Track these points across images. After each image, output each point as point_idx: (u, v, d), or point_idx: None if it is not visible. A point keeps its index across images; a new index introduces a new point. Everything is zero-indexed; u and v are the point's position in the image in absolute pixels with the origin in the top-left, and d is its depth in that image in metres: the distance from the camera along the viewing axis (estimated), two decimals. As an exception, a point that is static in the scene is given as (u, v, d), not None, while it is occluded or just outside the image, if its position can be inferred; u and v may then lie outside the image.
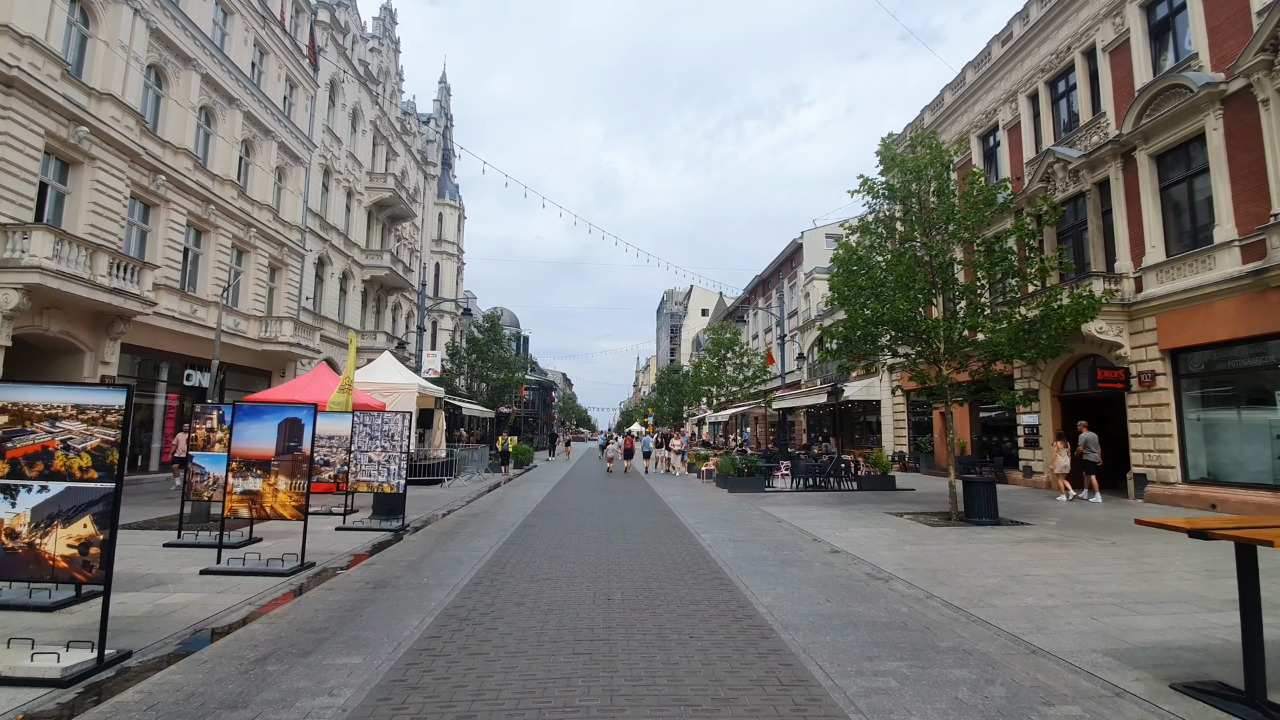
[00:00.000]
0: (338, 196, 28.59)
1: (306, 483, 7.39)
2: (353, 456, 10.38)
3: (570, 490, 17.52)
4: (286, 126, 23.95)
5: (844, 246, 12.84)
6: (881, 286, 11.52)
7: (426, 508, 13.05)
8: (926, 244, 11.88)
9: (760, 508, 13.54)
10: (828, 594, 6.46)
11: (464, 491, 16.35)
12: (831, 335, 12.32)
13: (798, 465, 17.71)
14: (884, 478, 17.40)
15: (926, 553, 8.64)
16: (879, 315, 11.00)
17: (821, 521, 11.45)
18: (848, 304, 11.76)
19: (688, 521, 11.47)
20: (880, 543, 9.37)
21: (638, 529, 10.50)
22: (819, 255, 39.44)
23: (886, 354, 13.03)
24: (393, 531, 9.93)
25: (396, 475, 10.28)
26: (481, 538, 9.54)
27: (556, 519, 11.72)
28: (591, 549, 8.67)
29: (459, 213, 45.15)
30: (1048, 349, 11.33)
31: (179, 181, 18.37)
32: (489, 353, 32.90)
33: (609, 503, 14.42)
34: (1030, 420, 18.32)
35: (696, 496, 15.96)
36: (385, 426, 10.40)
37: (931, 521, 11.52)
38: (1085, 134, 16.94)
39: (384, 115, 34.12)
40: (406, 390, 18.38)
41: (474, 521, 11.31)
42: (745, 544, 9.23)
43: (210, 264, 20.04)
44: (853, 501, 14.68)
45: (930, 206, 12.12)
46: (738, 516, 12.26)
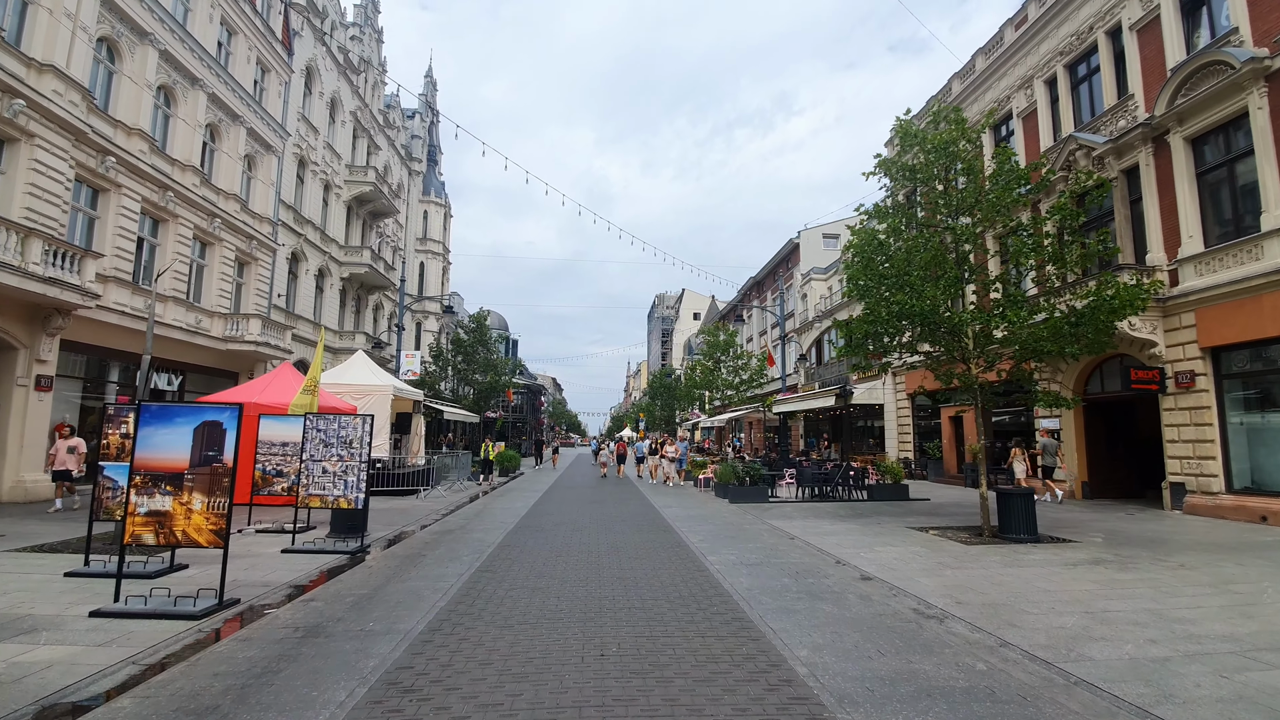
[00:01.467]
0: (314, 189, 27.11)
1: (228, 500, 5.99)
2: (304, 466, 8.97)
3: (558, 501, 16.13)
4: (257, 112, 22.48)
5: (859, 233, 11.60)
6: (906, 275, 10.28)
7: (396, 522, 11.64)
8: (953, 229, 10.67)
9: (767, 521, 12.24)
10: (877, 641, 5.14)
11: (441, 503, 14.92)
12: (848, 330, 11.07)
13: (804, 473, 16.43)
14: (896, 486, 16.16)
15: (973, 579, 7.36)
16: (905, 307, 9.73)
17: (840, 539, 10.15)
18: (867, 295, 10.50)
19: (689, 539, 10.13)
20: (915, 566, 8.08)
21: (634, 549, 9.15)
22: (816, 255, 38.36)
23: (906, 351, 11.78)
24: (349, 554, 8.53)
25: (355, 488, 8.87)
26: (452, 562, 8.15)
27: (541, 537, 10.34)
28: (580, 577, 7.31)
29: (445, 210, 43.70)
30: (1093, 344, 10.13)
31: (132, 165, 16.87)
32: (475, 354, 31.43)
33: (600, 516, 13.06)
34: (1051, 425, 17.16)
35: (695, 508, 14.64)
36: (342, 432, 9.00)
37: (963, 538, 10.27)
38: (1110, 119, 15.86)
39: (365, 107, 32.68)
40: (381, 392, 16.95)
41: (446, 540, 9.92)
42: (760, 569, 7.91)
43: (169, 256, 18.51)
44: (866, 513, 13.41)
45: (957, 187, 10.93)
46: (744, 532, 10.94)
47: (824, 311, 32.76)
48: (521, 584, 6.94)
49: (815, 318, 33.75)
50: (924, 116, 13.83)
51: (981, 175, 10.84)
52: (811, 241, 38.93)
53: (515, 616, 5.72)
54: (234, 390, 14.38)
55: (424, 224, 42.31)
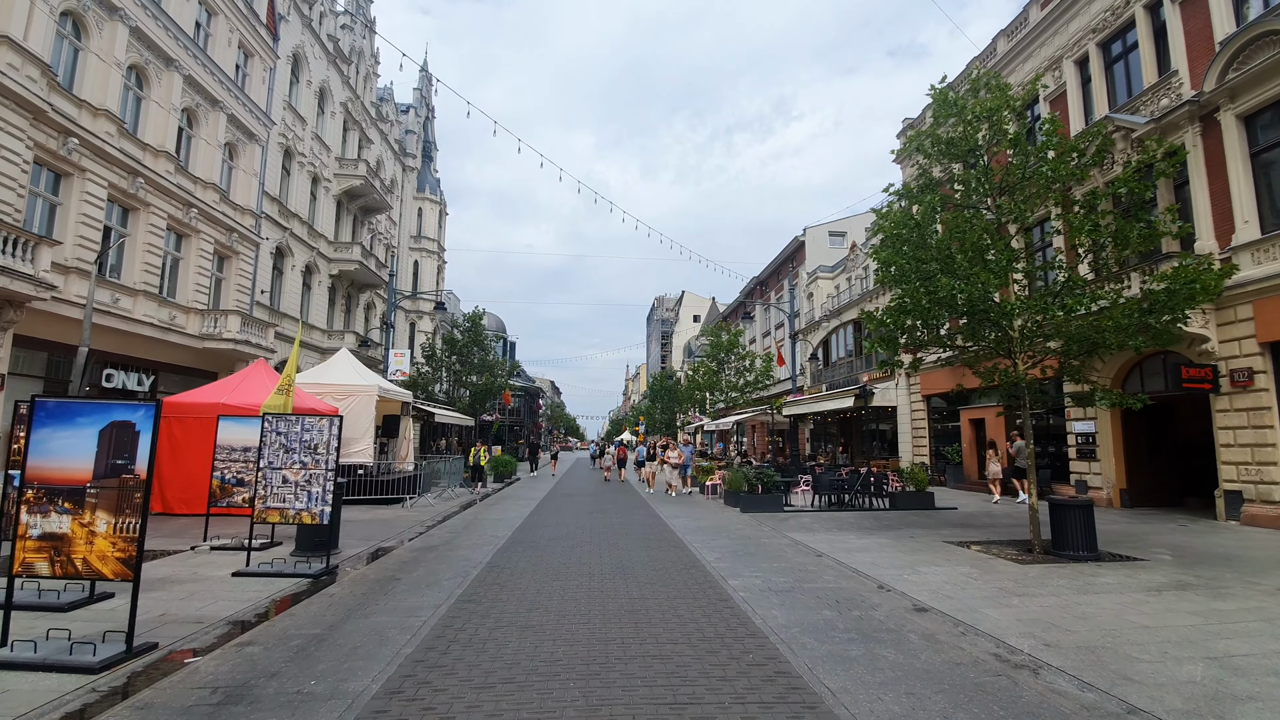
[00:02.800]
0: (301, 181, 25.93)
1: (140, 521, 4.79)
2: (262, 475, 7.76)
3: (554, 511, 14.92)
4: (238, 98, 21.32)
5: (891, 214, 10.44)
6: (947, 258, 9.12)
7: (374, 536, 10.43)
8: (1001, 205, 9.53)
9: (786, 534, 11.05)
10: (969, 709, 3.95)
11: (428, 513, 13.71)
12: (879, 321, 9.90)
13: (820, 480, 15.24)
14: (920, 494, 14.97)
15: (1049, 611, 6.18)
16: (950, 293, 8.56)
17: (874, 556, 8.96)
18: (903, 281, 9.32)
19: (704, 557, 8.94)
20: (973, 593, 6.90)
21: (642, 571, 7.96)
22: (822, 254, 37.27)
23: (941, 345, 10.61)
24: (312, 578, 7.32)
25: (320, 500, 7.67)
26: (429, 589, 6.95)
27: (536, 554, 9.14)
28: (581, 610, 6.11)
29: (440, 208, 42.53)
30: (1159, 335, 8.97)
31: (98, 148, 15.68)
32: (469, 355, 30.21)
33: (602, 529, 11.86)
34: (1085, 428, 15.99)
35: (705, 518, 13.44)
36: (306, 435, 7.80)
37: (1012, 555, 9.09)
38: (1151, 98, 14.75)
39: (356, 99, 31.53)
40: (365, 393, 15.76)
41: (428, 559, 8.71)
42: (793, 597, 6.72)
43: (139, 247, 17.31)
44: (893, 525, 12.22)
45: (1003, 160, 9.80)
46: (764, 548, 9.75)
47: (831, 311, 31.61)
48: (509, 619, 5.74)
49: (822, 317, 32.60)
50: (960, 84, 12.59)
51: (1028, 146, 9.69)
52: (817, 239, 37.82)
53: (499, 669, 4.52)
54: (202, 389, 13.19)
55: (418, 221, 41.14)
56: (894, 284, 9.49)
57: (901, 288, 9.24)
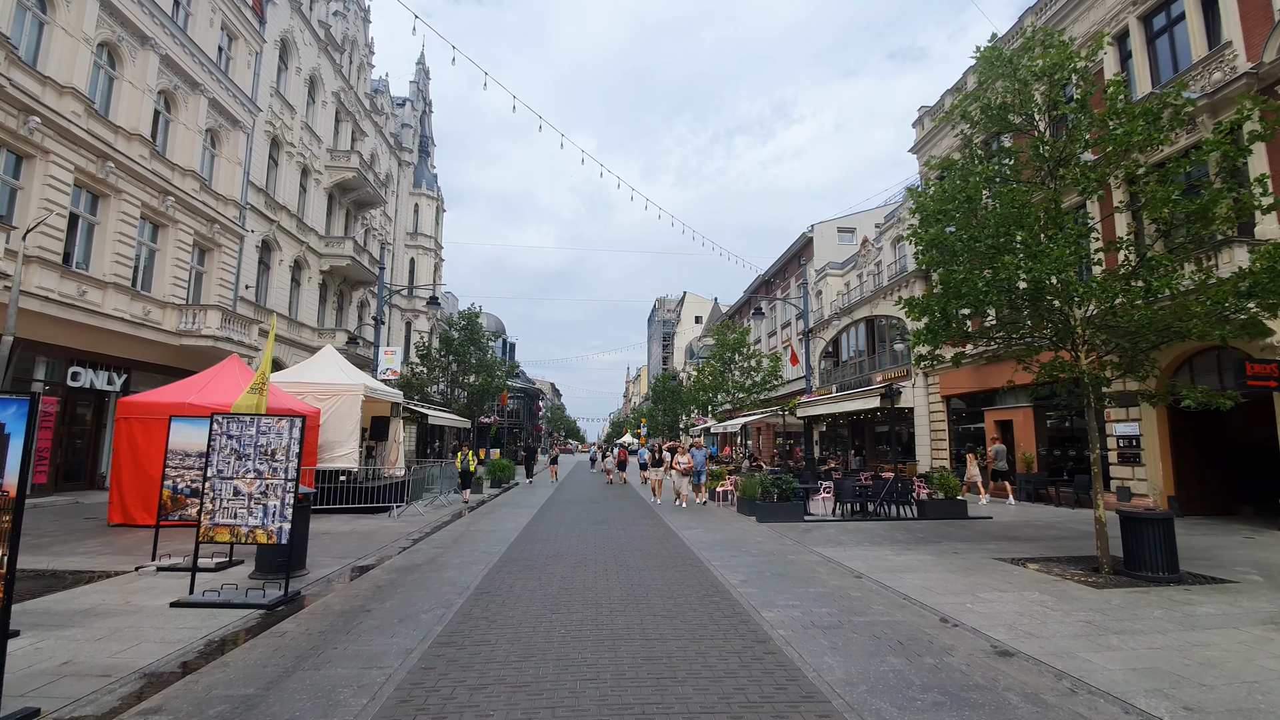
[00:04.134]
0: (290, 172, 24.79)
1: (8, 555, 3.63)
2: (209, 486, 6.59)
3: (554, 521, 13.74)
4: (221, 82, 20.19)
5: (931, 193, 9.28)
6: (1005, 235, 7.95)
7: (350, 553, 9.25)
8: (1064, 176, 8.38)
9: (813, 549, 9.87)
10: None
11: (416, 524, 12.54)
12: (921, 309, 8.73)
13: (843, 487, 14.06)
14: (951, 502, 13.79)
15: (1162, 655, 5.01)
16: (1013, 274, 7.39)
17: (922, 578, 7.79)
18: (953, 262, 8.15)
19: (727, 579, 7.76)
20: (1058, 628, 5.73)
21: (658, 599, 6.78)
22: (831, 250, 36.13)
23: (988, 337, 9.44)
24: (265, 608, 6.15)
25: (278, 515, 6.50)
26: (402, 625, 5.77)
27: (533, 576, 7.96)
28: (587, 658, 4.94)
29: (437, 204, 41.40)
30: (1250, 324, 7.83)
31: (63, 129, 14.56)
32: (466, 354, 29.02)
33: (607, 543, 10.68)
34: (1128, 430, 14.82)
35: (719, 530, 12.26)
36: (262, 439, 6.63)
37: (1080, 576, 7.92)
38: (1200, 72, 13.62)
39: (349, 89, 30.41)
40: (350, 393, 14.58)
41: (407, 582, 7.54)
42: (843, 635, 5.55)
43: (109, 236, 16.17)
44: (929, 537, 11.05)
45: (1067, 126, 8.66)
46: (793, 567, 8.57)
47: (842, 308, 30.45)
48: (496, 673, 4.56)
49: (832, 315, 31.43)
50: (1011, 40, 11.15)
51: (1095, 109, 8.56)
52: (825, 236, 36.68)
53: (480, 756, 3.35)
54: (166, 388, 12.01)
55: (415, 218, 40.00)
56: (942, 266, 8.32)
57: (952, 269, 8.06)
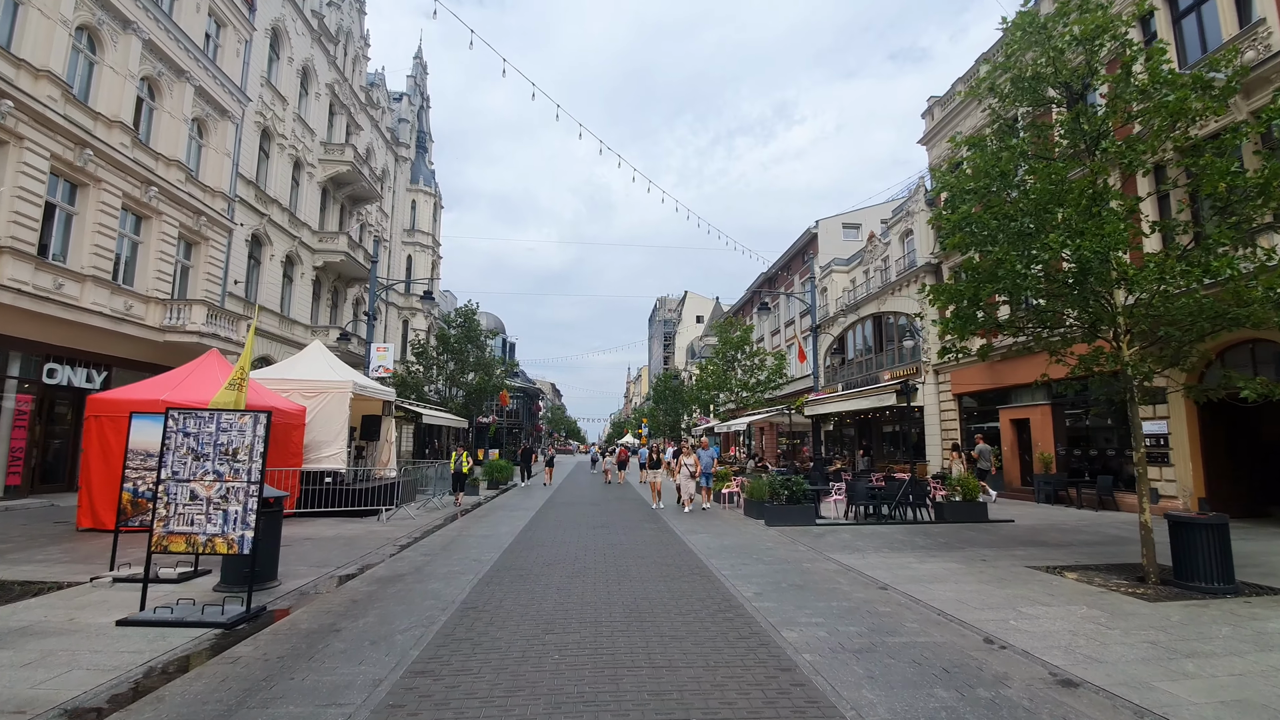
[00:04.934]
0: (281, 165, 24.13)
1: None
2: (163, 489, 5.90)
3: (552, 526, 13.05)
4: (208, 70, 19.53)
5: (945, 177, 8.59)
6: (1044, 213, 7.27)
7: (331, 560, 8.56)
8: (1106, 149, 7.70)
9: (830, 555, 9.17)
10: None
11: (406, 528, 11.85)
12: (950, 295, 8.04)
13: (856, 488, 13.36)
14: (970, 505, 13.09)
15: (1249, 683, 4.33)
16: (1055, 253, 6.71)
17: (954, 589, 7.09)
18: (987, 244, 7.45)
19: (740, 591, 7.06)
20: (1121, 650, 5.03)
21: (665, 616, 6.08)
22: (836, 247, 35.45)
23: (1023, 327, 8.76)
24: (223, 627, 5.46)
25: (239, 522, 5.81)
26: (374, 648, 5.08)
27: (526, 589, 7.27)
28: (585, 695, 4.23)
29: (435, 201, 40.74)
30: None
31: (38, 114, 13.89)
32: (463, 352, 28.34)
33: (607, 549, 9.99)
34: (1156, 429, 14.11)
35: (727, 534, 11.57)
36: (222, 437, 5.94)
37: (1126, 586, 7.23)
38: (1230, 55, 12.90)
39: (344, 81, 29.76)
40: (338, 390, 13.91)
41: (387, 596, 6.84)
42: (878, 660, 4.85)
43: (88, 228, 15.49)
44: (952, 542, 10.35)
45: (1109, 95, 7.99)
46: (810, 578, 7.87)
47: (848, 305, 29.76)
48: (476, 713, 3.87)
49: (838, 312, 30.74)
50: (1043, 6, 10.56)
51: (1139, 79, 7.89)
52: (830, 232, 35.99)
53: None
54: (140, 385, 11.34)
55: (412, 214, 39.33)
56: (974, 248, 7.62)
57: (986, 249, 7.36)
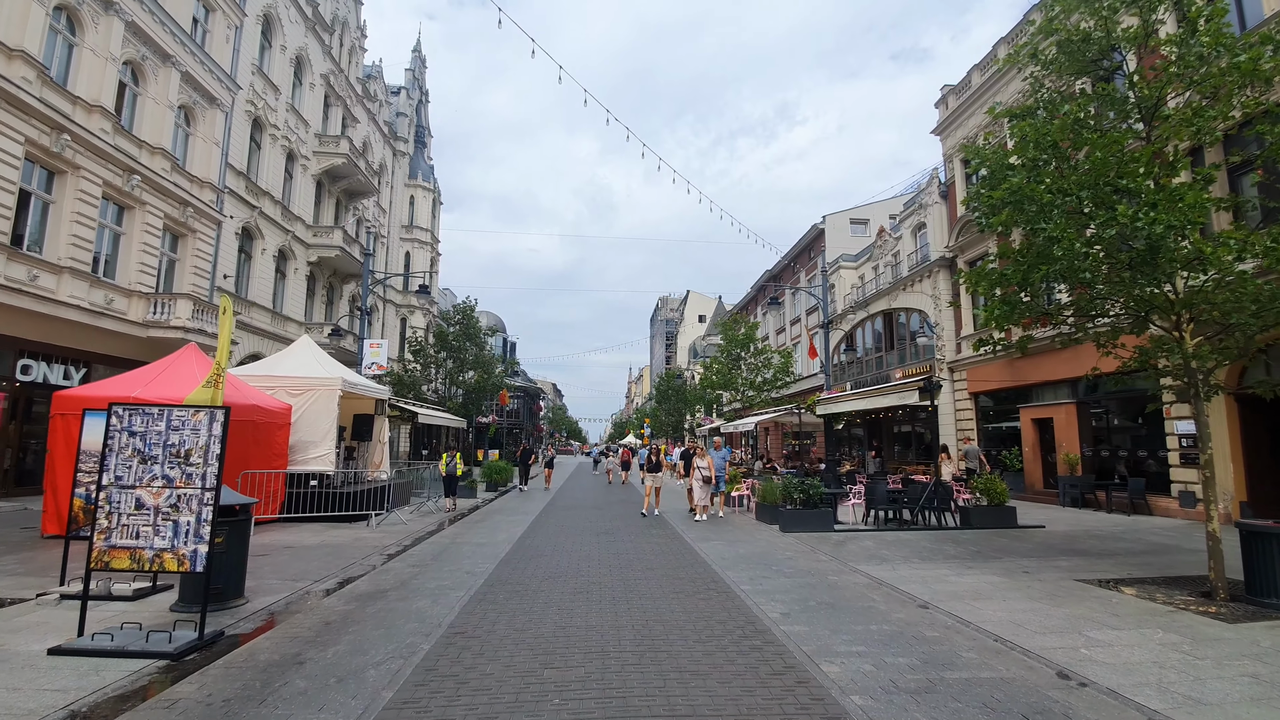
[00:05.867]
0: (274, 157, 23.38)
1: None
2: (105, 497, 5.14)
3: (552, 532, 12.27)
4: (195, 55, 18.78)
5: (981, 153, 7.82)
6: (1106, 185, 6.49)
7: (310, 572, 7.79)
8: (1174, 116, 6.93)
9: (857, 567, 8.39)
10: None
11: (396, 534, 11.08)
12: (992, 281, 7.27)
13: (876, 492, 12.58)
14: (1000, 510, 12.31)
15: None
16: (1126, 226, 5.93)
17: (1005, 608, 6.31)
18: (1040, 220, 6.65)
19: (765, 611, 6.29)
20: (1224, 689, 4.26)
21: (681, 644, 5.31)
22: (843, 242, 34.64)
23: (1072, 313, 7.97)
24: (169, 658, 4.70)
25: (191, 535, 5.04)
26: (340, 688, 4.30)
27: (522, 609, 6.50)
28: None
29: (434, 196, 39.98)
30: None
31: (11, 95, 13.14)
32: (462, 350, 27.57)
33: (614, 559, 9.21)
34: (1192, 429, 13.31)
35: (741, 541, 10.79)
36: (173, 437, 5.17)
37: (1195, 604, 6.45)
38: (1276, 27, 12.13)
39: (340, 72, 29.02)
40: (326, 387, 13.16)
41: (364, 617, 6.06)
42: (939, 703, 4.07)
43: (65, 217, 14.74)
44: (984, 550, 9.57)
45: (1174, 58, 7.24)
46: (841, 594, 7.09)
47: (857, 301, 28.98)
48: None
49: (846, 310, 29.96)
50: None
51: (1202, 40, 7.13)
52: (838, 227, 35.19)
53: None
54: (110, 381, 10.58)
55: (410, 210, 38.58)
56: (1027, 224, 6.81)
57: (1040, 226, 6.56)
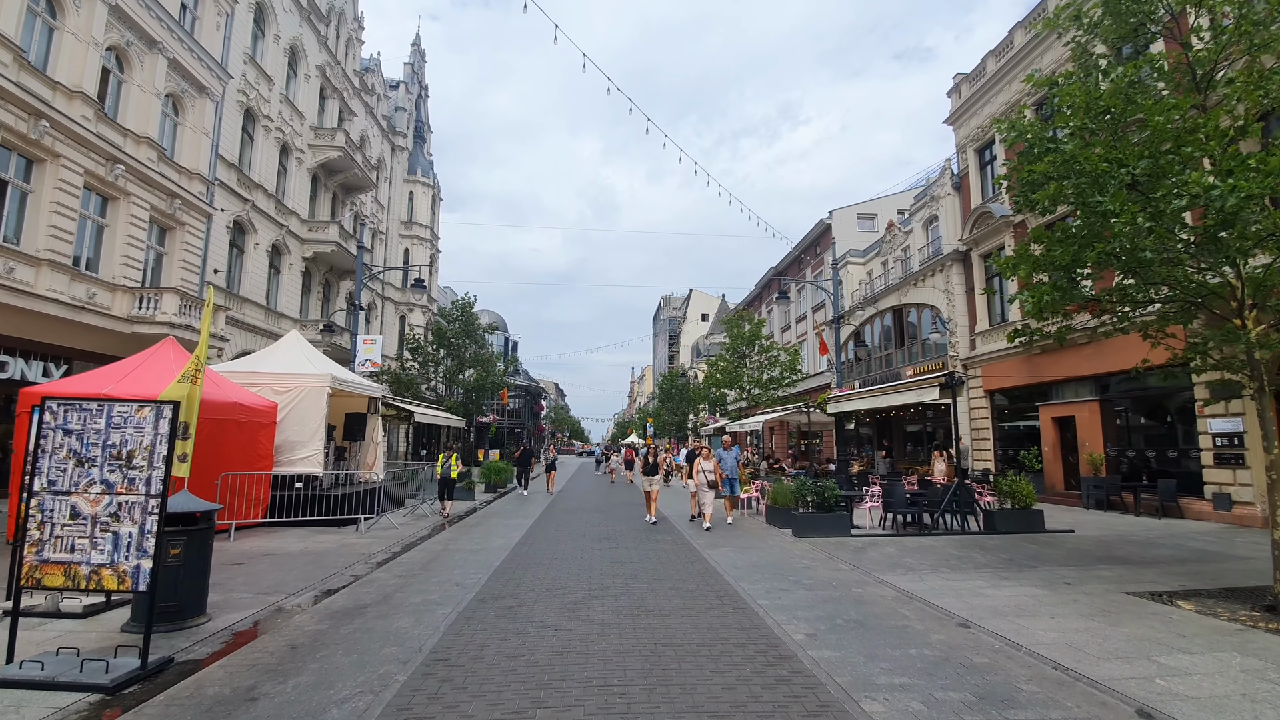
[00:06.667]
0: (267, 149, 22.75)
1: None
2: (36, 504, 4.49)
3: (551, 538, 11.60)
4: (183, 42, 18.15)
5: (1016, 126, 7.13)
6: (1167, 154, 5.80)
7: (286, 584, 7.15)
8: (1238, 79, 6.24)
9: (881, 577, 7.72)
10: None
11: (386, 540, 10.43)
12: (1034, 265, 6.58)
13: (894, 494, 11.90)
14: (1026, 514, 11.61)
15: None
16: (1201, 194, 5.25)
17: (1056, 628, 5.64)
18: (1095, 192, 5.96)
19: (786, 630, 5.62)
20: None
21: (695, 672, 4.65)
22: (851, 238, 33.92)
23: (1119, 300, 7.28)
24: (104, 691, 4.04)
25: (133, 549, 4.39)
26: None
27: (515, 627, 5.84)
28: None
29: (433, 192, 39.35)
30: None
31: (-17, 79, 12.53)
32: (460, 348, 26.92)
33: (618, 569, 8.55)
34: (1227, 427, 12.63)
35: (752, 547, 10.12)
36: (114, 435, 4.52)
37: (1263, 621, 5.77)
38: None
39: (336, 64, 28.38)
40: (314, 384, 12.52)
41: (338, 638, 5.41)
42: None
43: (44, 207, 14.12)
44: (1018, 559, 8.88)
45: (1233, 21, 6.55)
46: (869, 609, 6.42)
47: (866, 298, 28.28)
48: None
49: (855, 306, 29.26)
50: None
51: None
52: (845, 222, 34.48)
53: None
54: (82, 376, 9.97)
55: (409, 206, 37.94)
56: (1078, 199, 6.12)
57: (1095, 200, 5.87)
